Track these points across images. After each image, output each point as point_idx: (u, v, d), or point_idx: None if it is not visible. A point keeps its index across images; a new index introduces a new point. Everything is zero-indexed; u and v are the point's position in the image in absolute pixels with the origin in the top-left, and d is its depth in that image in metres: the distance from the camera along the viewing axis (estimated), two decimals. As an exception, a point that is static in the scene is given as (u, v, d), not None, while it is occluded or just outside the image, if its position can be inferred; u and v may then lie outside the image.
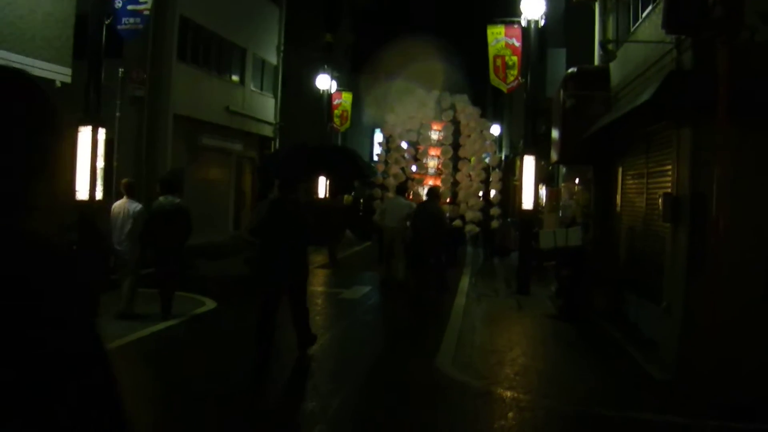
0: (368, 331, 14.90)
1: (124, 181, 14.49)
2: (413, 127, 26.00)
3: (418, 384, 10.69)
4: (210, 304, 15.74)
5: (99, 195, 14.55)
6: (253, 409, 8.99)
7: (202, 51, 29.73)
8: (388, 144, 26.68)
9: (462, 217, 24.62)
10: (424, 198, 20.52)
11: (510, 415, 9.14)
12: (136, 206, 13.91)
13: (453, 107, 26.07)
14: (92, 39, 14.83)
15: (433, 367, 11.44)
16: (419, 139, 26.20)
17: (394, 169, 25.47)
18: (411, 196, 23.62)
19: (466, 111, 26.12)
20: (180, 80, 26.76)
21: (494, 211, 25.97)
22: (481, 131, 26.37)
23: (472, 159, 26.07)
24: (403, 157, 26.13)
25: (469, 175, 25.94)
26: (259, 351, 10.73)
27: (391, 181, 24.81)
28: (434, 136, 26.15)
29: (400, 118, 26.07)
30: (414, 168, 26.56)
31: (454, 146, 26.16)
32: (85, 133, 14.41)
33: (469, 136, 25.86)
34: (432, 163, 26.61)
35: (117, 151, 20.72)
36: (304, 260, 11.50)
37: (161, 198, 14.26)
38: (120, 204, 13.99)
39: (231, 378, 10.30)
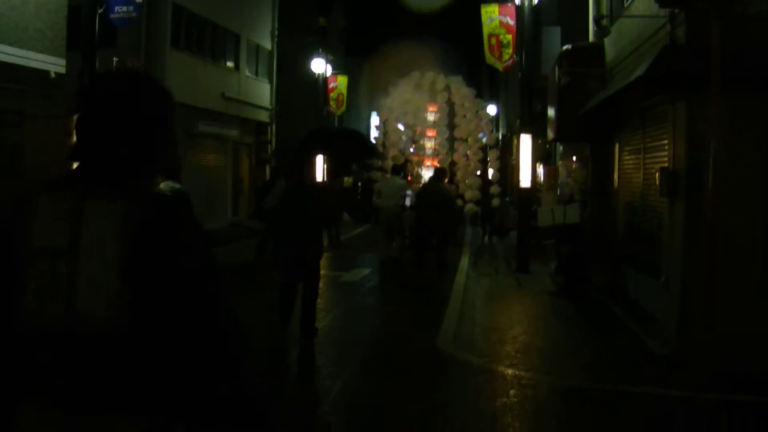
0: (369, 312, 14.93)
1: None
2: (409, 109, 26.17)
3: (420, 363, 10.75)
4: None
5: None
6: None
7: (196, 38, 29.64)
8: (385, 127, 26.86)
9: (461, 197, 24.78)
10: (427, 179, 20.79)
11: (512, 392, 9.17)
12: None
13: (448, 88, 26.24)
14: (85, 28, 14.80)
15: (434, 346, 11.49)
16: (416, 121, 26.39)
17: (393, 152, 25.80)
18: (410, 178, 23.82)
19: (461, 92, 26.35)
20: (174, 68, 26.68)
21: (494, 189, 26.19)
22: (477, 111, 26.58)
23: (469, 139, 26.27)
24: (401, 139, 26.33)
25: (466, 155, 26.15)
26: (283, 331, 11.14)
27: (390, 164, 25.13)
28: (430, 117, 26.47)
29: (396, 101, 26.27)
30: (411, 149, 26.82)
31: (450, 127, 26.39)
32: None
33: (464, 116, 26.09)
34: (429, 144, 27.01)
35: (113, 140, 20.64)
36: (320, 241, 11.74)
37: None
38: None
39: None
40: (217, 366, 2.53)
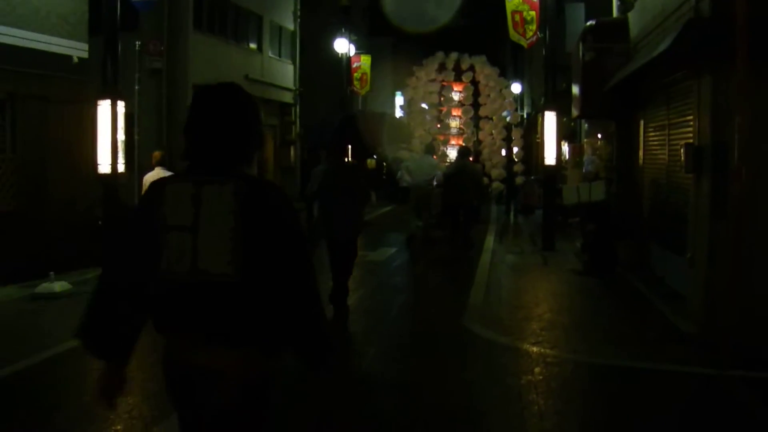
0: (394, 291, 14.93)
1: (156, 153, 14.92)
2: (434, 89, 26.40)
3: (446, 341, 10.79)
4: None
5: (121, 168, 14.59)
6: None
7: (219, 20, 29.62)
8: (410, 107, 27.06)
9: (488, 175, 24.90)
10: (453, 157, 20.99)
11: (537, 369, 9.16)
12: (167, 174, 13.98)
13: (472, 68, 26.40)
14: (107, 12, 14.79)
15: (460, 324, 11.51)
16: (441, 100, 26.59)
17: (419, 131, 25.94)
18: (435, 156, 23.88)
19: (485, 71, 26.94)
20: (197, 50, 26.67)
21: (517, 167, 26.35)
22: (500, 90, 26.92)
23: (494, 118, 26.47)
24: (426, 118, 26.52)
25: (491, 134, 26.30)
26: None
27: (417, 143, 25.35)
28: (455, 97, 26.78)
29: (421, 81, 26.52)
30: (437, 128, 27.02)
31: (474, 106, 26.56)
32: (104, 107, 14.42)
33: (488, 95, 26.44)
34: (454, 124, 27.37)
35: (138, 124, 20.69)
36: (359, 219, 12.07)
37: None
38: (153, 175, 14.18)
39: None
40: (305, 296, 3.57)
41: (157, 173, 14.16)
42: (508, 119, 27.50)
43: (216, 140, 3.60)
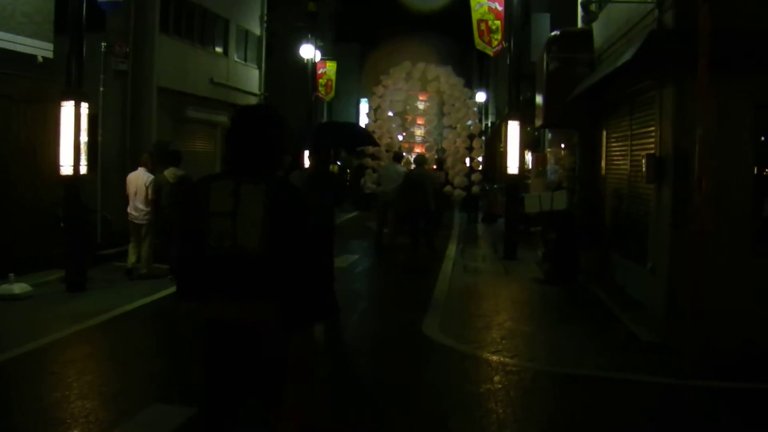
0: (356, 298, 14.85)
1: (144, 155, 16.64)
2: (400, 98, 26.85)
3: (406, 349, 10.73)
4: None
5: (83, 170, 14.42)
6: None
7: (185, 22, 29.39)
8: (377, 115, 27.33)
9: (450, 183, 25.26)
10: (413, 165, 21.27)
11: (496, 378, 9.14)
12: (149, 176, 15.72)
13: (438, 78, 26.71)
14: (73, 12, 14.59)
15: (420, 332, 11.47)
16: (407, 109, 26.96)
17: (386, 139, 26.64)
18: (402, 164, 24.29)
19: (450, 81, 27.49)
20: (163, 53, 26.43)
21: (475, 176, 26.71)
22: (465, 100, 27.21)
23: (458, 126, 26.82)
24: (392, 126, 26.90)
25: (455, 143, 26.62)
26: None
27: (383, 151, 25.89)
28: (421, 106, 27.24)
29: (388, 89, 26.93)
30: (401, 137, 27.44)
31: (439, 115, 26.94)
32: (67, 108, 14.24)
33: (453, 105, 26.77)
34: (419, 132, 27.75)
35: (102, 125, 20.49)
36: (333, 218, 12.49)
37: (166, 171, 15.85)
38: (135, 174, 15.86)
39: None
40: (300, 271, 4.64)
41: (139, 173, 15.75)
42: (471, 128, 27.80)
43: (249, 150, 4.73)
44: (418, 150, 28.00)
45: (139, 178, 15.76)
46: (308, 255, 4.74)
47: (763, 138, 10.79)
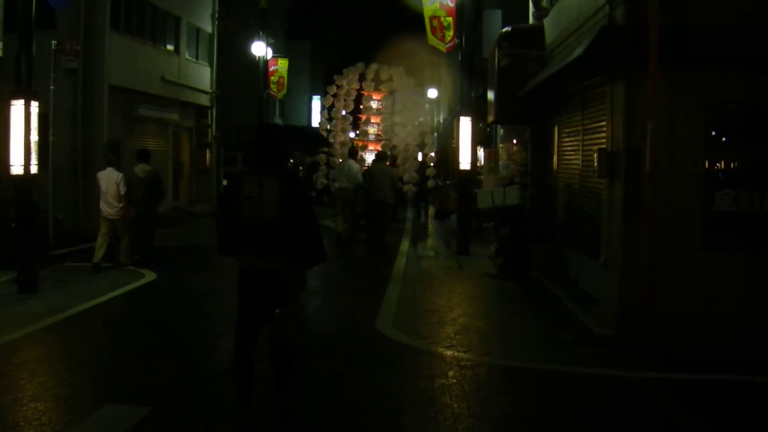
0: (309, 294, 14.73)
1: (110, 155, 18.62)
2: (354, 97, 28.94)
3: (359, 345, 10.76)
4: (150, 276, 15.84)
5: (34, 169, 14.22)
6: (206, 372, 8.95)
7: (136, 20, 29.12)
8: (331, 114, 28.00)
9: (401, 179, 25.87)
10: (371, 162, 23.46)
11: (451, 373, 9.14)
12: (119, 174, 16.63)
13: (391, 79, 27.57)
14: (22, 10, 14.38)
15: (374, 328, 11.47)
16: (361, 108, 27.91)
17: (341, 137, 28.40)
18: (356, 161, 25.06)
19: (402, 81, 28.77)
20: (114, 51, 26.18)
21: (429, 171, 27.43)
22: (416, 99, 28.60)
23: (409, 125, 27.60)
24: (347, 125, 27.76)
25: (406, 140, 27.32)
26: None
27: (338, 149, 27.58)
28: (374, 105, 27.85)
29: (343, 89, 27.80)
30: (352, 135, 28.56)
31: (391, 114, 27.79)
32: (17, 107, 14.04)
33: (404, 104, 27.65)
34: (372, 130, 28.54)
35: (52, 124, 20.27)
36: None
37: (136, 168, 17.40)
38: (104, 173, 16.73)
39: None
40: (312, 231, 7.19)
41: (108, 171, 16.70)
42: (422, 126, 28.54)
43: (267, 156, 7.16)
44: (372, 147, 29.24)
45: (109, 176, 16.58)
46: (307, 222, 7.14)
47: (713, 132, 10.88)
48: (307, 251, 7.15)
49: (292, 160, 36.28)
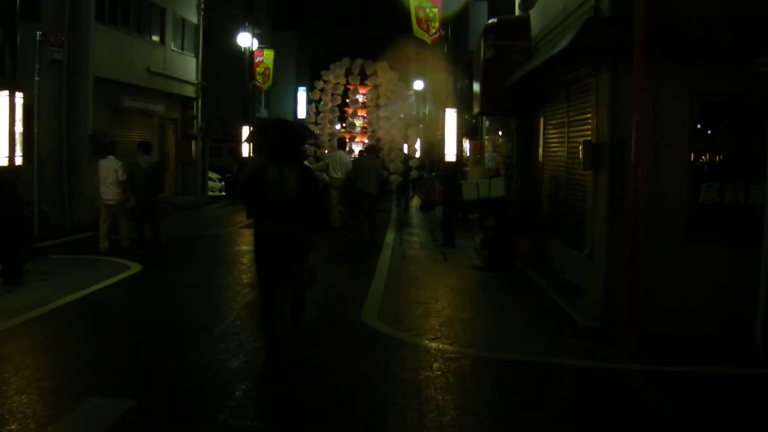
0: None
1: (110, 144, 19.58)
2: (340, 91, 29.64)
3: (344, 336, 10.76)
4: (135, 268, 15.80)
5: (19, 161, 14.12)
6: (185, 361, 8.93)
7: (121, 11, 28.93)
8: (318, 107, 29.08)
9: (387, 169, 26.40)
10: (360, 153, 24.25)
11: (436, 365, 9.14)
12: (118, 162, 17.89)
13: (375, 73, 29.39)
14: (6, 1, 14.32)
15: (359, 319, 11.47)
16: (348, 102, 30.00)
17: (328, 129, 29.28)
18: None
19: (387, 76, 29.67)
20: (99, 42, 26.01)
21: (413, 162, 28.36)
22: (400, 92, 30.29)
23: (393, 117, 28.34)
24: (335, 118, 30.30)
25: (391, 132, 28.13)
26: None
27: (326, 140, 28.43)
28: (360, 99, 29.89)
29: (330, 84, 29.21)
30: (338, 127, 30.97)
31: (377, 107, 28.73)
32: (1, 98, 13.94)
33: (389, 97, 29.53)
34: (359, 123, 30.85)
35: (37, 115, 20.16)
36: None
37: (140, 159, 18.33)
38: (106, 162, 17.92)
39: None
40: (321, 207, 9.92)
41: (109, 160, 17.89)
42: (406, 118, 29.31)
43: (286, 148, 9.23)
44: (358, 139, 30.26)
45: (109, 164, 17.80)
46: (317, 200, 9.53)
47: (698, 125, 10.91)
48: (317, 221, 9.39)
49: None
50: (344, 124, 31.27)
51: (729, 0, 10.30)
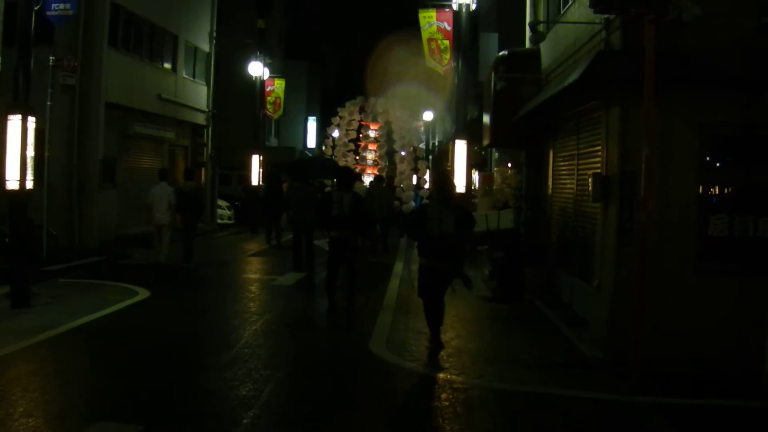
0: (301, 316, 14.84)
1: (163, 171, 22.93)
2: (354, 127, 33.11)
3: (352, 367, 10.73)
4: (143, 293, 15.79)
5: (29, 185, 14.20)
6: (193, 388, 8.93)
7: (134, 38, 29.08)
8: (334, 142, 33.47)
9: (399, 199, 27.47)
10: (370, 183, 26.93)
11: (443, 395, 9.14)
12: (171, 188, 21.08)
13: (387, 111, 30.51)
14: (21, 25, 14.41)
15: (367, 350, 11.44)
16: (360, 137, 33.13)
17: (342, 162, 32.26)
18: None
19: (397, 113, 32.81)
20: (111, 68, 26.14)
21: (423, 192, 29.89)
22: (410, 128, 33.51)
23: (404, 151, 30.02)
24: (349, 152, 33.52)
25: (401, 164, 29.61)
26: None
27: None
28: (372, 134, 31.61)
29: (345, 120, 33.33)
30: (348, 159, 33.62)
31: (388, 141, 30.53)
32: (14, 122, 14.04)
33: (399, 132, 30.85)
34: (370, 156, 33.67)
35: (48, 139, 20.28)
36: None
37: (183, 183, 21.98)
38: (158, 188, 20.94)
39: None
40: (367, 220, 16.50)
41: (163, 185, 21.04)
42: (416, 152, 30.88)
43: (346, 182, 14.68)
44: (369, 171, 32.78)
45: (163, 189, 20.86)
46: (364, 214, 14.82)
47: (708, 157, 10.94)
48: (363, 229, 15.64)
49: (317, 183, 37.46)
50: (357, 157, 33.80)
51: (739, 32, 10.33)
